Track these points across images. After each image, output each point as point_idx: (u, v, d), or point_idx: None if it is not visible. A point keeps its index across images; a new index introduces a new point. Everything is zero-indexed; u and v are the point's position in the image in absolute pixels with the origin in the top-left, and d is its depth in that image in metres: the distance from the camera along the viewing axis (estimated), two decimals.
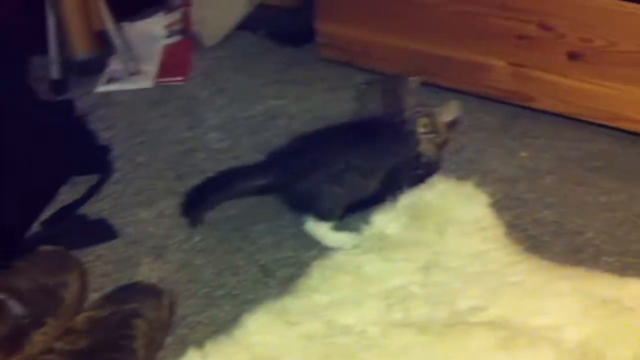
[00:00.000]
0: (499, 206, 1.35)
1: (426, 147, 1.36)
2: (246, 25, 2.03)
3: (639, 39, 1.39)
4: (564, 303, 1.09)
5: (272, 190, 1.34)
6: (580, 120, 1.56)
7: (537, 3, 1.46)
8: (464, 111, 1.60)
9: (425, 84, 1.52)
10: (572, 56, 1.48)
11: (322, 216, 1.30)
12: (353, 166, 1.29)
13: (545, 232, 1.30)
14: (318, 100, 1.73)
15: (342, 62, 1.85)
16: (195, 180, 1.47)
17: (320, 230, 1.31)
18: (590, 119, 1.54)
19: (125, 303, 1.13)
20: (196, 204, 1.35)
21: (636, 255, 1.23)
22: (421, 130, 1.35)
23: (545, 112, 1.60)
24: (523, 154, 1.50)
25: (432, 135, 1.36)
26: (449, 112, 1.40)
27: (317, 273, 1.21)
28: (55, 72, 1.80)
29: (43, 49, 1.84)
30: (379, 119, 1.39)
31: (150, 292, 1.16)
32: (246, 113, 1.71)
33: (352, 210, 1.33)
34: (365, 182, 1.31)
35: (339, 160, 1.29)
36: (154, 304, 1.14)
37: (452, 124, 1.42)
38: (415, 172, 1.36)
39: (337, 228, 1.31)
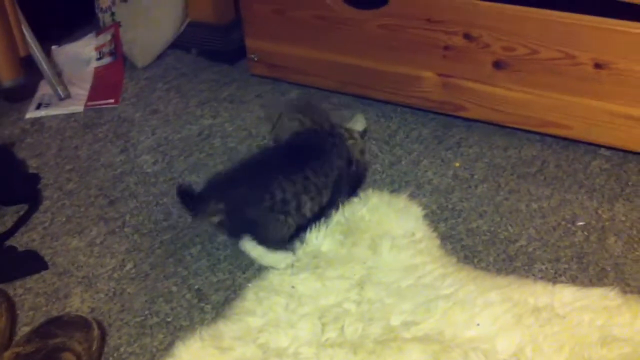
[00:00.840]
0: (433, 217, 1.36)
1: (353, 152, 1.37)
2: (178, 44, 2.01)
3: (559, 46, 1.42)
4: (496, 313, 1.10)
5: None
6: (511, 128, 1.58)
7: (460, 14, 1.48)
8: (399, 123, 1.64)
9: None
10: (497, 65, 1.50)
11: (267, 243, 1.27)
12: (306, 186, 1.26)
13: (479, 241, 1.31)
14: (252, 118, 1.72)
15: (275, 78, 1.84)
16: (128, 206, 1.45)
17: (257, 250, 1.28)
18: (519, 126, 1.56)
19: (53, 337, 1.10)
20: None
21: (568, 261, 1.25)
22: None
23: (477, 120, 1.62)
24: (457, 163, 1.51)
25: (352, 141, 1.37)
26: (359, 123, 1.44)
27: (252, 295, 1.20)
28: None
29: None
30: (312, 136, 1.38)
31: (79, 324, 1.13)
32: (180, 134, 1.68)
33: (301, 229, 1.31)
34: (320, 196, 1.28)
35: (288, 184, 1.24)
36: (82, 337, 1.11)
37: (364, 134, 1.45)
38: (350, 178, 1.36)
39: (275, 249, 1.29)
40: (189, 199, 1.27)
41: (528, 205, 1.39)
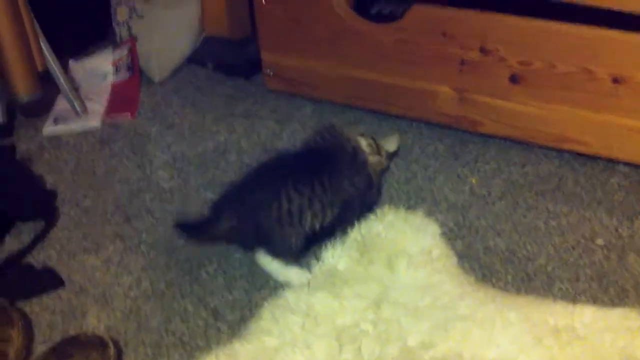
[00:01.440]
0: (450, 235, 1.35)
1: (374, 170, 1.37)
2: (194, 58, 2.01)
3: (576, 61, 1.40)
4: (515, 334, 1.09)
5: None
6: (528, 143, 1.57)
7: (476, 28, 1.47)
8: (414, 138, 1.63)
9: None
10: (514, 79, 1.49)
11: (277, 256, 1.28)
12: (311, 200, 1.25)
13: (497, 260, 1.30)
14: (268, 133, 1.72)
15: (290, 93, 1.84)
16: (144, 223, 1.45)
17: (272, 265, 1.29)
18: (536, 142, 1.55)
19: (69, 356, 1.11)
20: None
21: (588, 280, 1.24)
22: (366, 150, 1.36)
23: (493, 136, 1.60)
24: (473, 180, 1.50)
25: (376, 158, 1.37)
26: (392, 143, 1.43)
27: (268, 314, 1.19)
28: None
29: None
30: (332, 148, 1.36)
31: (95, 343, 1.13)
32: (196, 149, 1.68)
33: (310, 243, 1.31)
34: (324, 214, 1.27)
35: (295, 195, 1.24)
36: (98, 356, 1.11)
37: (392, 156, 1.45)
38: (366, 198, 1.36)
39: (289, 264, 1.29)
40: (191, 227, 1.31)
41: (546, 223, 1.37)
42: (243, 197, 1.28)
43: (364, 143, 1.38)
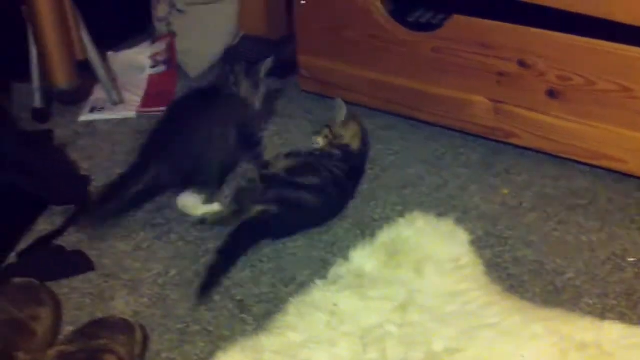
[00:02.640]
0: (478, 244, 1.35)
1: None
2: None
3: (616, 78, 1.40)
4: (542, 346, 1.08)
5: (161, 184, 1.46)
6: (562, 158, 1.56)
7: (516, 41, 1.47)
8: (447, 146, 1.63)
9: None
10: (551, 94, 1.49)
11: (204, 187, 1.46)
12: (206, 135, 1.45)
13: (525, 271, 1.29)
14: (300, 133, 1.73)
15: (323, 95, 1.85)
16: (174, 213, 1.47)
17: (192, 204, 1.46)
18: (571, 157, 1.54)
19: (97, 338, 1.11)
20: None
21: (617, 297, 1.22)
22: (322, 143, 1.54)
23: (527, 148, 1.60)
24: (504, 190, 1.50)
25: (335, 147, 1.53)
26: (340, 114, 1.56)
27: (294, 310, 1.20)
28: (38, 101, 1.80)
29: (27, 76, 1.84)
30: (212, 88, 1.60)
31: (123, 327, 1.14)
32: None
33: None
34: (222, 145, 1.48)
35: (197, 133, 1.44)
36: (125, 340, 1.12)
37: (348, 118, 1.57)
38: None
39: (207, 200, 1.46)
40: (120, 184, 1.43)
41: (577, 238, 1.36)
42: (162, 145, 1.44)
43: (320, 140, 1.54)
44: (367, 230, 1.41)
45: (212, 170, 1.48)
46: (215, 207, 1.46)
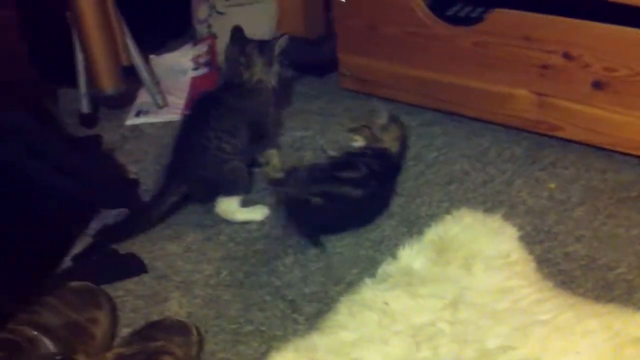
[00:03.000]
0: (527, 240, 1.34)
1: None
2: None
3: None
4: (596, 342, 1.07)
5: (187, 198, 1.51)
6: (609, 150, 1.55)
7: (560, 33, 1.46)
8: (490, 141, 1.62)
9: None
10: (597, 85, 1.47)
11: (233, 193, 1.48)
12: (217, 135, 1.47)
13: (576, 267, 1.28)
14: (342, 131, 1.73)
15: (364, 93, 1.86)
16: None
17: (230, 209, 1.48)
18: (618, 149, 1.53)
19: (154, 340, 1.14)
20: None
21: None
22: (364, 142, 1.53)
23: (572, 141, 1.59)
24: (551, 185, 1.49)
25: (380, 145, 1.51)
26: (382, 118, 1.52)
27: (345, 309, 1.21)
28: (85, 106, 1.84)
29: (72, 82, 1.88)
30: (219, 88, 1.63)
31: (179, 328, 1.17)
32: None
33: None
34: (235, 141, 1.48)
35: (208, 137, 1.46)
36: (182, 341, 1.14)
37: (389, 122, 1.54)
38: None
39: (246, 204, 1.50)
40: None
41: (628, 231, 1.35)
42: (179, 163, 1.49)
43: (360, 139, 1.53)
44: (414, 228, 1.41)
45: (233, 175, 1.49)
46: (257, 211, 1.48)
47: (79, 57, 1.78)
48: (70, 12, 1.69)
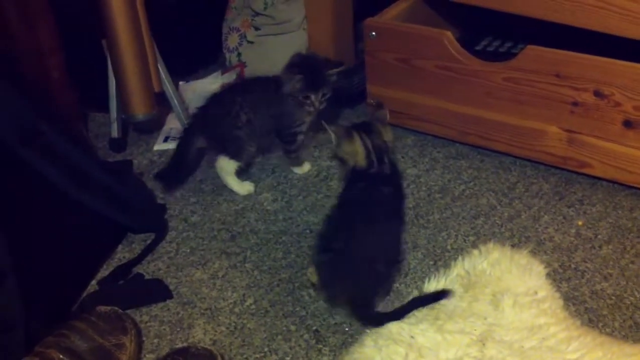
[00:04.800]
0: (555, 277, 1.34)
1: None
2: None
3: None
4: None
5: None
6: (637, 188, 1.54)
7: (591, 71, 1.46)
8: (518, 176, 1.62)
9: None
10: (627, 124, 1.47)
11: (230, 157, 1.63)
12: (241, 104, 1.60)
13: (603, 305, 1.27)
14: None
15: (392, 124, 1.86)
16: (249, 242, 1.50)
17: (225, 169, 1.65)
18: None
19: None
20: None
21: None
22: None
23: (601, 179, 1.58)
24: (580, 222, 1.48)
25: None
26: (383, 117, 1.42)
27: (371, 342, 1.20)
28: (115, 131, 1.86)
29: (101, 106, 1.91)
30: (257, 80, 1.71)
31: (205, 356, 1.17)
32: (298, 174, 1.73)
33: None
34: (253, 118, 1.60)
35: (234, 101, 1.61)
36: None
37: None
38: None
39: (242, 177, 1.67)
40: None
41: None
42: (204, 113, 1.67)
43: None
44: (439, 261, 1.41)
45: (233, 141, 1.62)
46: (244, 186, 1.67)
47: (112, 82, 1.80)
48: (106, 38, 1.72)
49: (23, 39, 1.69)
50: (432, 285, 1.30)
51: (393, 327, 1.22)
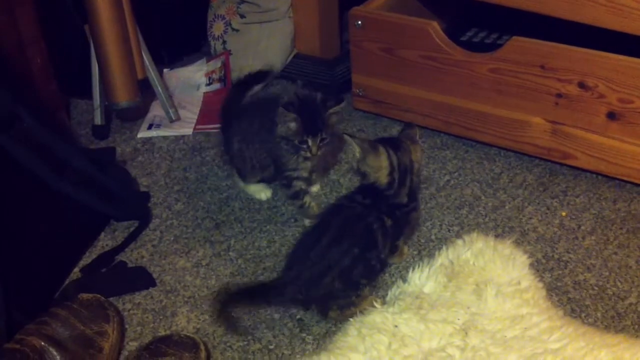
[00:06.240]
0: (538, 267, 1.34)
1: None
2: (284, 74, 2.06)
3: None
4: None
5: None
6: (620, 180, 1.55)
7: (577, 63, 1.46)
8: (502, 167, 1.62)
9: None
10: (611, 116, 1.47)
11: (240, 176, 1.59)
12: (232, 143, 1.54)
13: (586, 295, 1.28)
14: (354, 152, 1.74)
15: (377, 114, 1.86)
16: (233, 230, 1.49)
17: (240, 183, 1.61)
18: (630, 179, 1.53)
19: (163, 355, 1.14)
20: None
21: None
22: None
23: (584, 170, 1.59)
24: (563, 213, 1.49)
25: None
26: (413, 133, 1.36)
27: (354, 331, 1.20)
28: (98, 118, 1.84)
29: (84, 93, 1.89)
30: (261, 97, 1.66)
31: (188, 344, 1.17)
32: None
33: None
34: (258, 151, 1.50)
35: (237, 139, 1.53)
36: (191, 357, 1.14)
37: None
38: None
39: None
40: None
41: (638, 262, 1.35)
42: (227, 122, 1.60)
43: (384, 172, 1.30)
44: (424, 251, 1.42)
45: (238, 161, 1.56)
46: (261, 191, 1.60)
47: (95, 69, 1.78)
48: (88, 24, 1.70)
49: (3, 28, 1.66)
50: (416, 275, 1.30)
51: (377, 316, 1.22)
